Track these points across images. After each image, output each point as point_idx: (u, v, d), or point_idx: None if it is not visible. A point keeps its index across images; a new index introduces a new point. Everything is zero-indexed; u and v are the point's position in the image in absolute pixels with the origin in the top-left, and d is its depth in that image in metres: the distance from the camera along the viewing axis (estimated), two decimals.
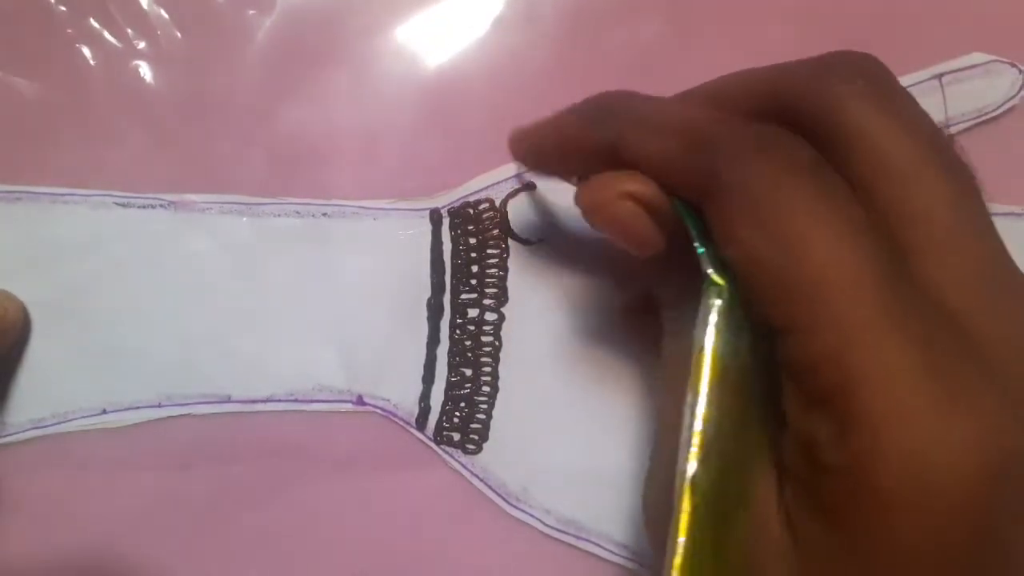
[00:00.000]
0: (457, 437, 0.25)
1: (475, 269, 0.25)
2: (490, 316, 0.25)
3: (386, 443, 0.25)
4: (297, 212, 0.25)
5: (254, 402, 0.25)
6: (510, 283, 0.25)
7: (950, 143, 0.17)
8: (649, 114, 0.18)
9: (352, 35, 0.26)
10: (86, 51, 0.26)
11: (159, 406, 0.25)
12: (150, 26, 0.26)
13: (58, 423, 0.24)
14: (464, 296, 0.25)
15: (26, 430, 0.24)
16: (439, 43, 0.26)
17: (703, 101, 0.19)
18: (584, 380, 0.25)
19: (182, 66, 0.26)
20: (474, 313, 0.25)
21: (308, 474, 0.25)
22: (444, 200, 0.25)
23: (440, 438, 0.25)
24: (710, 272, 0.16)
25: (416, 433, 0.25)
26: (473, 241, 0.25)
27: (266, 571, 0.25)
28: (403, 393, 0.25)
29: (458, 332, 0.25)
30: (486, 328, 0.25)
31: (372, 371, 0.25)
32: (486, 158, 0.25)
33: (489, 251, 0.25)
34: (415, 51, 0.26)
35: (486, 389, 0.25)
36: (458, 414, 0.25)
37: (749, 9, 0.26)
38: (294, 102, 0.26)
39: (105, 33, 0.26)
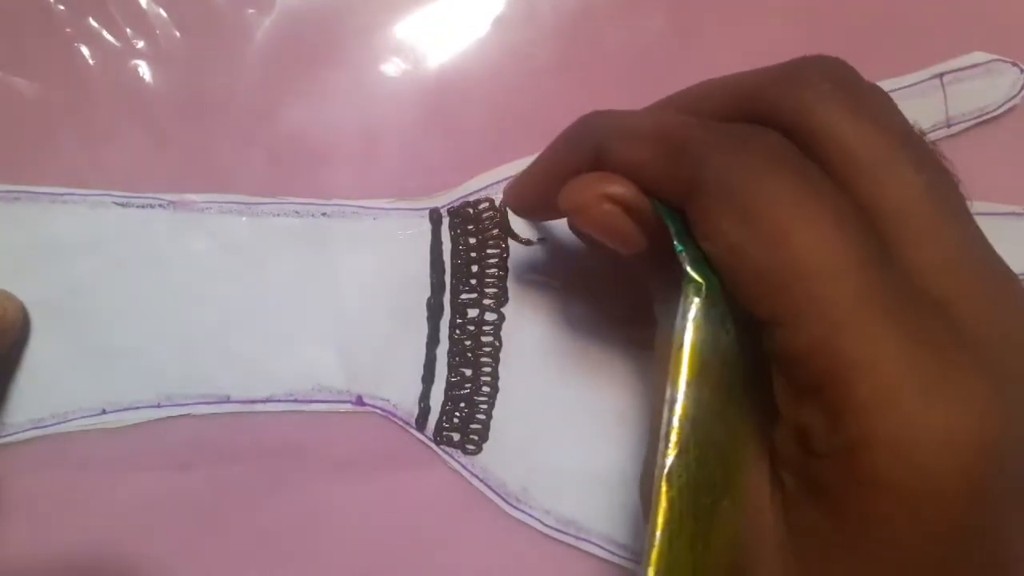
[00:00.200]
0: (457, 437, 0.25)
1: (475, 269, 0.25)
2: (490, 316, 0.25)
3: (386, 443, 0.25)
4: (297, 212, 0.25)
5: (254, 402, 0.25)
6: (510, 283, 0.25)
7: (922, 138, 0.17)
8: (626, 124, 0.18)
9: (351, 34, 0.26)
10: (85, 51, 0.26)
11: (159, 406, 0.25)
12: (149, 26, 0.26)
13: (58, 423, 0.24)
14: (464, 296, 0.25)
15: (26, 430, 0.24)
16: (439, 42, 0.26)
17: (677, 110, 0.19)
18: (584, 380, 0.25)
19: (181, 66, 0.26)
20: (474, 313, 0.25)
21: (308, 474, 0.25)
22: (444, 200, 0.25)
23: (440, 438, 0.25)
24: (688, 269, 0.16)
25: (416, 433, 0.25)
26: (473, 241, 0.25)
27: (266, 571, 0.25)
28: (403, 393, 0.25)
29: (458, 332, 0.25)
30: (486, 328, 0.25)
31: (372, 371, 0.25)
32: (486, 158, 0.25)
33: (489, 251, 0.25)
34: (415, 50, 0.26)
35: (486, 389, 0.25)
36: (458, 414, 0.25)
37: (749, 9, 0.26)
38: (294, 102, 0.26)
39: (104, 33, 0.26)
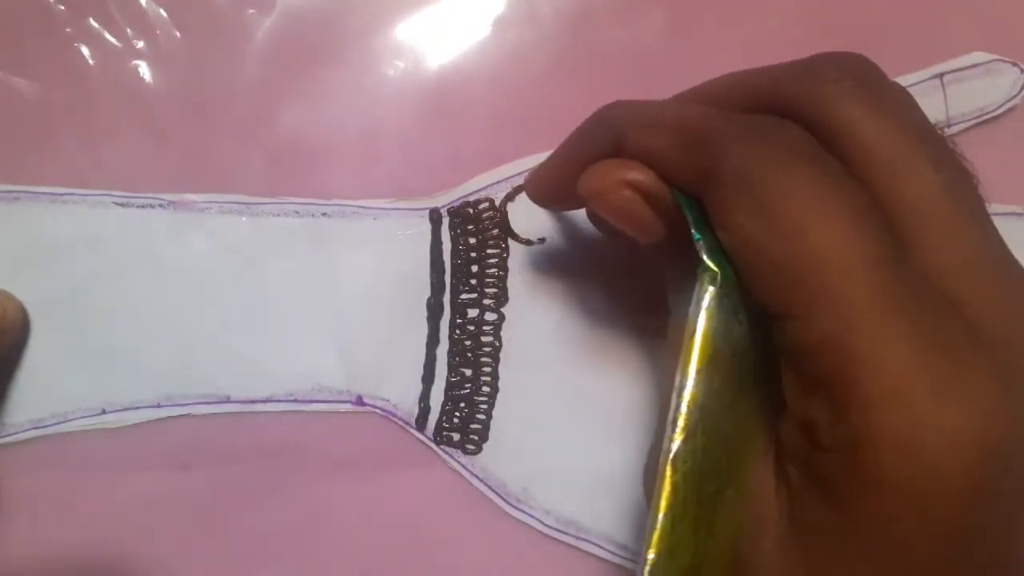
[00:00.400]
0: (457, 437, 0.25)
1: (475, 269, 0.25)
2: (490, 316, 0.25)
3: (386, 443, 0.25)
4: (296, 212, 0.25)
5: (254, 402, 0.25)
6: (510, 283, 0.25)
7: (943, 137, 0.17)
8: (647, 113, 0.18)
9: (352, 35, 0.26)
10: (85, 51, 0.26)
11: (158, 406, 0.24)
12: (149, 26, 0.26)
13: (57, 423, 0.24)
14: (464, 296, 0.25)
15: (25, 430, 0.24)
16: (439, 43, 0.26)
17: (697, 103, 0.19)
18: (584, 380, 0.25)
19: (182, 66, 0.26)
20: (474, 313, 0.25)
21: (308, 474, 0.25)
22: (444, 200, 0.25)
23: (440, 438, 0.25)
24: (705, 258, 0.16)
25: (416, 433, 0.25)
26: (473, 241, 0.25)
27: (266, 571, 0.25)
28: (403, 393, 0.25)
29: (458, 332, 0.25)
30: (486, 328, 0.25)
31: (372, 371, 0.25)
32: (486, 158, 0.25)
33: (489, 251, 0.25)
34: (415, 51, 0.26)
35: (486, 389, 0.25)
36: (458, 414, 0.25)
37: (749, 9, 0.26)
38: (294, 102, 0.26)
39: (105, 33, 0.26)
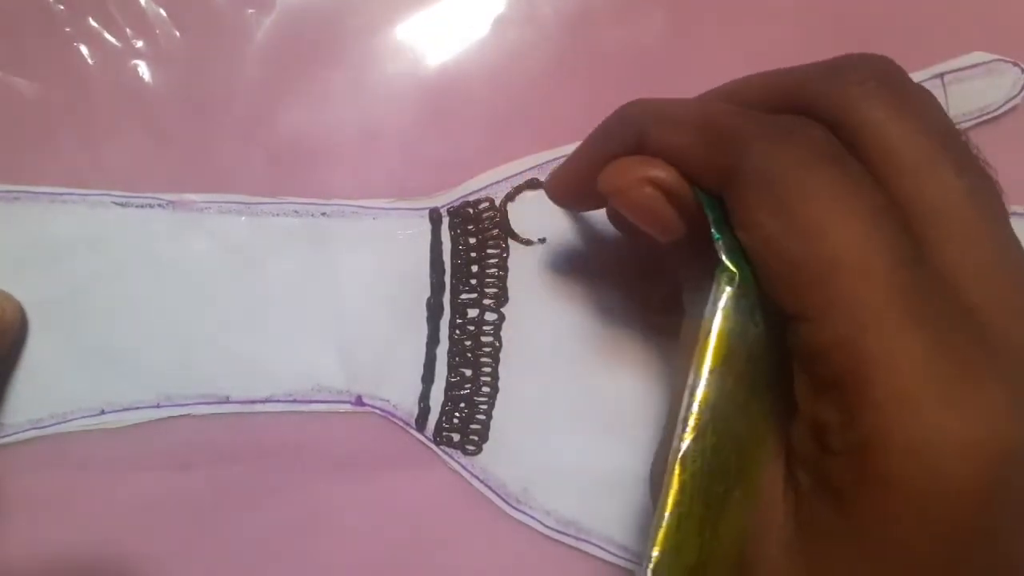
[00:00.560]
0: (457, 438, 0.25)
1: (475, 269, 0.25)
2: (490, 316, 0.25)
3: (385, 443, 0.25)
4: (296, 212, 0.25)
5: (253, 402, 0.25)
6: (510, 283, 0.25)
7: (966, 141, 0.17)
8: (669, 111, 0.18)
9: (351, 34, 0.26)
10: (85, 51, 0.26)
11: (158, 407, 0.24)
12: (149, 25, 0.26)
13: (57, 424, 0.24)
14: (464, 296, 0.25)
15: (25, 431, 0.24)
16: (439, 43, 0.26)
17: (720, 101, 0.19)
18: (584, 380, 0.25)
19: (181, 66, 0.26)
20: (474, 313, 0.25)
21: (308, 474, 0.25)
22: (444, 199, 0.25)
23: (440, 438, 0.25)
24: (723, 258, 0.16)
25: (415, 433, 0.25)
26: (473, 241, 0.25)
27: (266, 571, 0.24)
28: (403, 393, 0.25)
29: (458, 332, 0.25)
30: (486, 328, 0.25)
31: (371, 371, 0.25)
32: (486, 158, 0.25)
33: (489, 251, 0.25)
34: (415, 50, 0.26)
35: (486, 389, 0.25)
36: (458, 414, 0.25)
37: (749, 9, 0.26)
38: (294, 102, 0.26)
39: (104, 32, 0.26)
